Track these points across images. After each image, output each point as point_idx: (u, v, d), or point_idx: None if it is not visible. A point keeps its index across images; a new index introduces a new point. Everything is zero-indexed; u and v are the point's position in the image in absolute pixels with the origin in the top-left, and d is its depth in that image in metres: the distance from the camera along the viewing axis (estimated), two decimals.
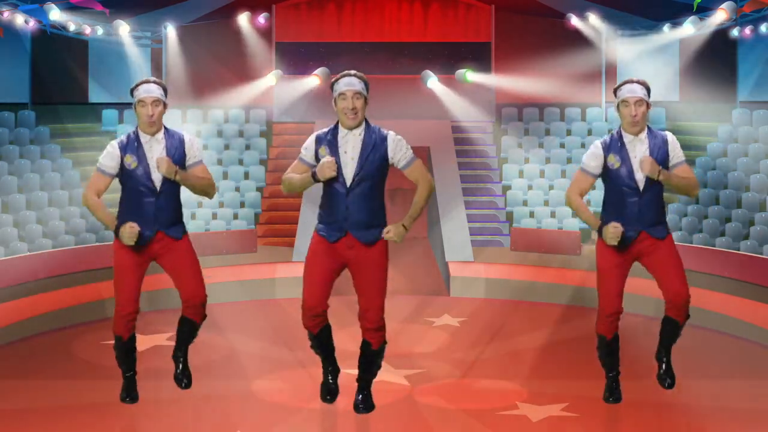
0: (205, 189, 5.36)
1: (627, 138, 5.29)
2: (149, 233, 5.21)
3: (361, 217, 5.06)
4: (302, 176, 5.13)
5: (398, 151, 5.09)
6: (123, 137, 5.26)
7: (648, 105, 5.26)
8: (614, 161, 5.29)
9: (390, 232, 5.02)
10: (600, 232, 5.30)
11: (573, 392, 6.94)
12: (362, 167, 5.02)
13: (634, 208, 5.24)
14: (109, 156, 5.21)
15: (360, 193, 5.04)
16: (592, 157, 5.35)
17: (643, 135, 5.29)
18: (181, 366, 5.66)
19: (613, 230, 5.17)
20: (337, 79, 5.08)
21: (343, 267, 5.26)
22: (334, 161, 4.96)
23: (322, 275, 5.21)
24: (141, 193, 5.19)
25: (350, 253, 5.14)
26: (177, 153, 5.25)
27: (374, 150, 5.04)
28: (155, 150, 5.22)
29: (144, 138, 5.23)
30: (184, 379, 5.65)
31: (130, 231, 5.08)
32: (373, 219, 5.11)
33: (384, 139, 5.07)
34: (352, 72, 5.09)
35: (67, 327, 9.62)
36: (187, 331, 5.62)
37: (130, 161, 5.18)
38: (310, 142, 5.16)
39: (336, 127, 5.12)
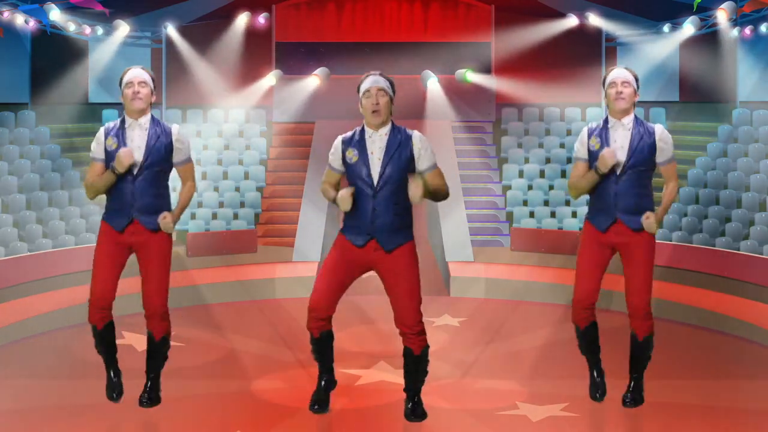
0: (191, 198, 5.44)
1: (610, 122, 5.35)
2: (126, 219, 5.23)
3: (387, 219, 5.00)
4: (329, 194, 5.11)
5: (423, 150, 5.05)
6: (110, 123, 5.34)
7: (635, 91, 5.28)
8: (595, 143, 5.33)
9: (412, 188, 4.87)
10: (597, 170, 5.27)
11: (573, 392, 6.93)
12: (387, 166, 4.98)
13: (610, 192, 5.26)
14: (96, 142, 5.31)
15: (387, 194, 4.98)
16: (579, 142, 5.46)
17: (628, 120, 5.30)
18: (148, 387, 5.54)
19: (607, 154, 5.15)
20: (362, 80, 5.10)
21: (365, 271, 5.22)
22: (347, 195, 4.96)
23: (334, 279, 5.15)
24: (120, 178, 5.21)
25: (375, 256, 5.08)
26: (159, 142, 5.24)
27: (399, 149, 5.01)
28: (137, 134, 5.23)
29: (128, 121, 5.27)
30: (144, 402, 5.53)
31: (123, 152, 5.09)
32: (400, 222, 5.05)
33: (409, 138, 5.05)
34: (377, 72, 5.12)
35: (67, 327, 9.61)
36: (151, 349, 5.53)
37: (111, 143, 5.22)
38: (336, 146, 5.13)
39: (362, 129, 5.11)
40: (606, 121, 5.37)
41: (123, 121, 5.28)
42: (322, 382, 5.53)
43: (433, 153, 5.11)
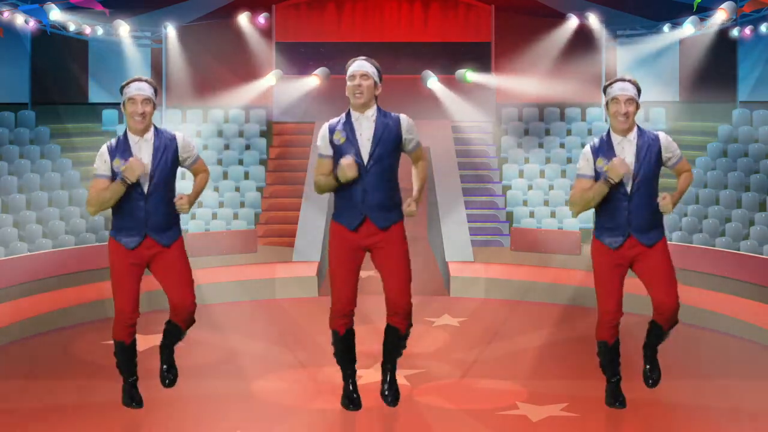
0: (206, 184, 5.44)
1: (615, 139, 5.22)
2: (139, 237, 5.16)
3: (378, 198, 5.10)
4: (327, 180, 5.16)
5: (410, 131, 5.22)
6: (113, 140, 5.16)
7: (638, 105, 5.21)
8: (602, 164, 5.21)
9: (411, 206, 5.09)
10: (607, 180, 5.16)
11: (573, 392, 6.94)
12: (377, 146, 5.08)
13: (623, 211, 5.18)
14: (101, 160, 5.14)
15: (376, 173, 5.08)
16: (584, 160, 5.32)
17: (632, 135, 5.21)
18: (166, 365, 5.61)
19: (618, 162, 5.09)
20: (349, 64, 5.19)
21: (364, 255, 5.27)
22: (353, 161, 4.99)
23: (348, 274, 5.21)
24: (130, 197, 5.10)
25: (370, 240, 5.16)
26: (167, 152, 5.13)
27: (388, 130, 5.14)
28: (144, 151, 5.12)
29: (133, 139, 5.12)
30: (168, 376, 5.59)
31: (136, 162, 4.99)
32: (390, 200, 5.17)
33: (397, 120, 5.19)
34: (362, 57, 5.22)
35: (67, 327, 9.62)
36: (173, 334, 5.56)
37: (119, 164, 5.08)
38: (323, 133, 5.22)
39: (348, 113, 5.20)
40: (609, 138, 5.26)
41: (126, 138, 5.18)
42: (350, 385, 5.50)
43: (417, 132, 5.28)
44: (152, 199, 5.12)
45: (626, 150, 5.18)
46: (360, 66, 5.15)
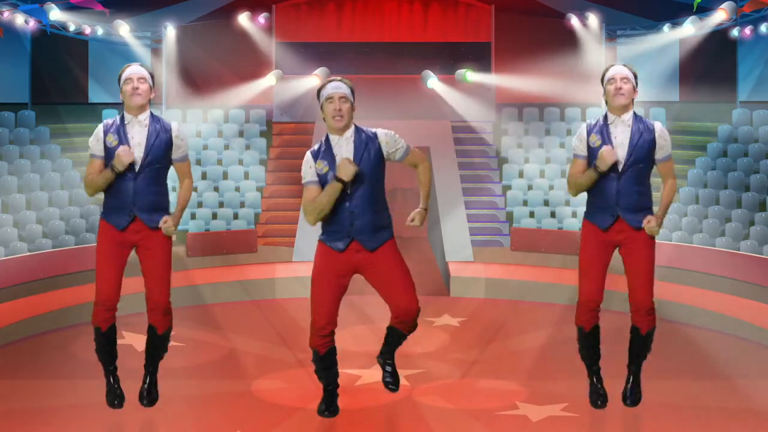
0: (189, 197, 5.42)
1: (610, 118, 5.31)
2: (127, 217, 5.20)
3: (366, 219, 5.01)
4: (327, 200, 5.06)
5: (391, 144, 5.07)
6: (108, 120, 5.31)
7: (634, 88, 5.26)
8: (595, 140, 5.30)
9: (415, 219, 5.05)
10: (596, 168, 5.25)
11: (573, 392, 6.93)
12: (358, 166, 4.98)
13: (612, 190, 5.24)
14: (94, 138, 5.26)
15: (361, 195, 4.99)
16: (578, 139, 5.41)
17: (628, 117, 5.28)
18: (147, 382, 5.53)
19: (606, 152, 5.15)
20: (323, 85, 5.08)
21: (352, 275, 5.22)
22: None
23: (330, 293, 5.15)
24: (120, 175, 5.17)
25: (359, 256, 5.08)
26: (159, 139, 5.22)
27: (366, 149, 5.01)
28: (137, 131, 5.21)
29: (127, 118, 5.24)
30: (145, 398, 5.52)
31: (123, 152, 5.08)
32: (379, 220, 5.06)
33: (374, 137, 5.06)
34: (338, 77, 5.10)
35: (67, 327, 9.62)
36: (152, 344, 5.50)
37: (111, 140, 5.18)
38: (307, 161, 5.07)
39: (327, 138, 5.10)
40: (605, 118, 5.34)
41: (122, 118, 5.26)
42: (329, 394, 5.48)
43: (400, 138, 5.12)
44: (141, 180, 5.18)
45: (619, 129, 5.26)
46: (337, 87, 4.99)
